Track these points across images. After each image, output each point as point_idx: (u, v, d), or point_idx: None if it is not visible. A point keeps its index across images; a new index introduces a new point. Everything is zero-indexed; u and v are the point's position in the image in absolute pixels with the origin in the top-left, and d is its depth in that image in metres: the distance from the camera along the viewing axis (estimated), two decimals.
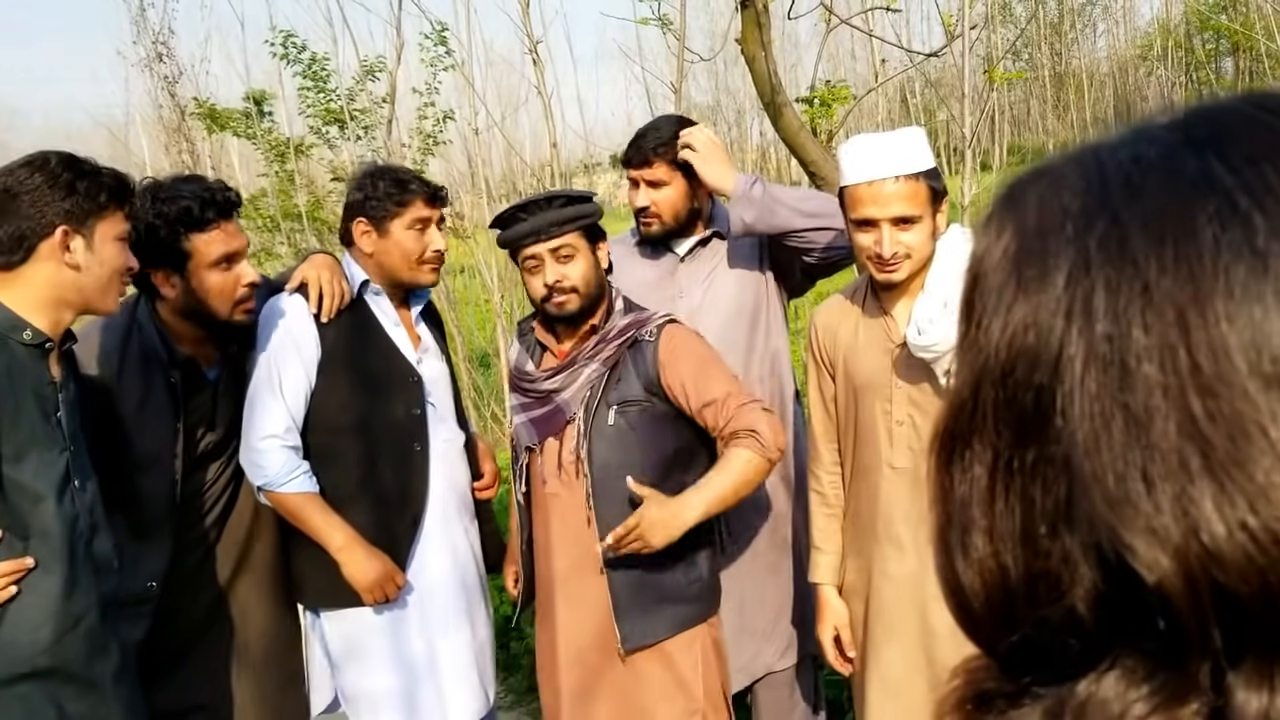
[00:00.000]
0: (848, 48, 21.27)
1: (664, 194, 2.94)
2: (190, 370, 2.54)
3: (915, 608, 2.39)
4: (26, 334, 2.04)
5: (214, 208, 2.45)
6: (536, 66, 5.34)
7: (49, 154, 2.11)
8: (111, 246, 2.12)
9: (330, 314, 2.64)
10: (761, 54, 4.17)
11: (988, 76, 5.20)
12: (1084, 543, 0.46)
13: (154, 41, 8.79)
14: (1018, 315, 0.48)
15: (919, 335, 2.27)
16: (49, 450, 2.06)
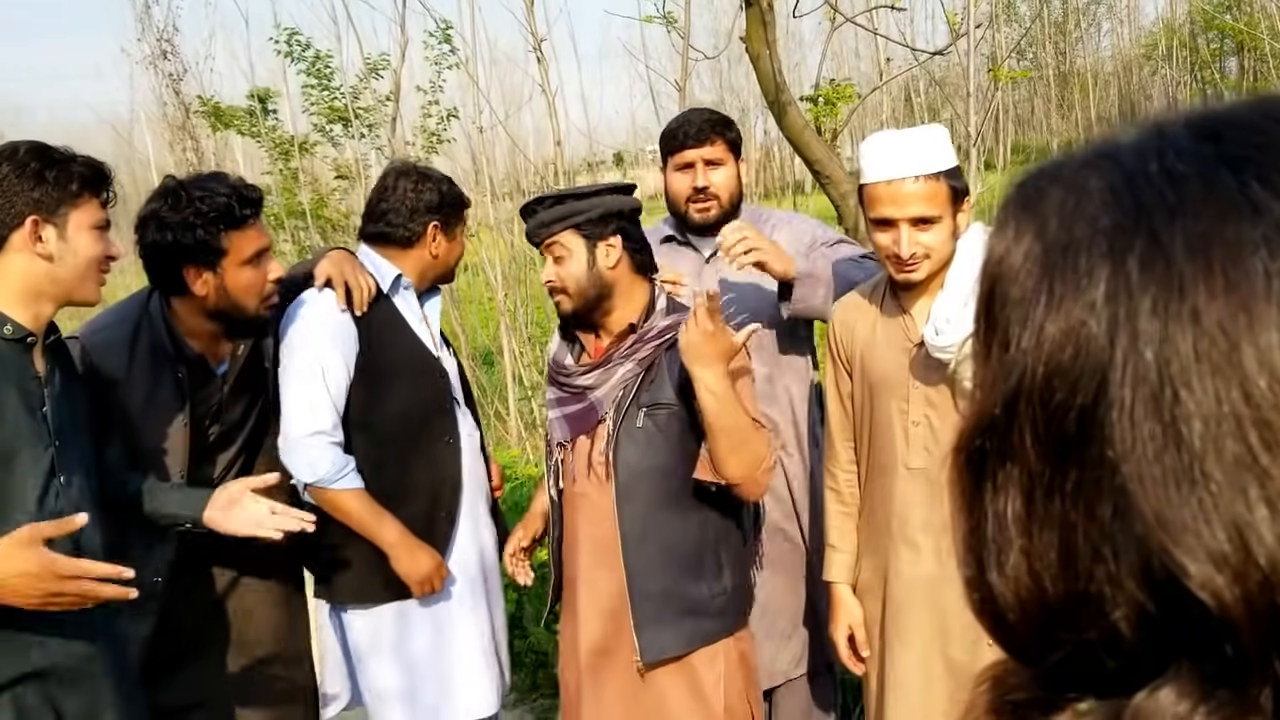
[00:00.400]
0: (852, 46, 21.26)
1: (723, 175, 2.87)
2: (198, 365, 2.54)
3: (931, 610, 2.37)
4: (7, 329, 2.02)
5: (249, 205, 2.46)
6: (541, 64, 5.34)
7: (18, 144, 2.07)
8: (86, 235, 2.09)
9: (362, 307, 2.65)
10: (766, 52, 4.18)
11: (992, 75, 5.20)
12: (1131, 565, 0.45)
13: (158, 39, 8.81)
14: (1051, 331, 0.47)
15: (936, 335, 2.25)
16: (34, 446, 2.03)
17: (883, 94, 11.03)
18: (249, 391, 2.62)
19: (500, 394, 7.33)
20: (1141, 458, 0.44)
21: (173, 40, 8.90)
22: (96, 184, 2.11)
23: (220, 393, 2.58)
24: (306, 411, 2.57)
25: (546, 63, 5.34)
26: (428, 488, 2.74)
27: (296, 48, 8.42)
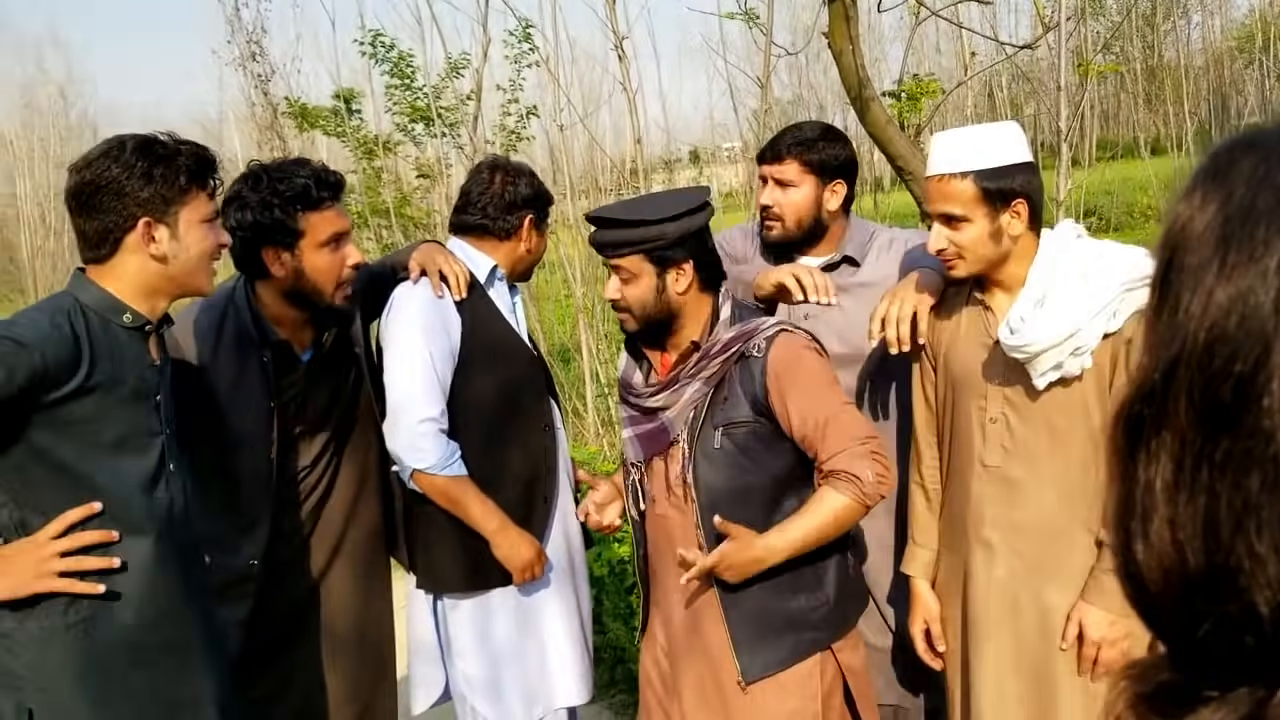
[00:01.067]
0: (932, 41, 20.97)
1: (790, 196, 2.80)
2: (283, 352, 2.59)
3: (1007, 612, 2.36)
4: (126, 317, 2.06)
5: (328, 188, 2.51)
6: (622, 62, 5.36)
7: (125, 139, 2.07)
8: (197, 230, 2.10)
9: (461, 293, 2.70)
10: (849, 48, 4.14)
11: (1080, 70, 5.09)
12: (1275, 540, 0.44)
13: (247, 41, 9.02)
14: (1220, 298, 0.47)
15: (1010, 335, 2.24)
16: (148, 433, 2.08)
17: (967, 89, 10.85)
18: (333, 381, 2.66)
19: (578, 390, 7.37)
20: None
21: (261, 42, 9.12)
22: (203, 175, 2.12)
23: (305, 382, 2.62)
24: (415, 399, 2.60)
25: (628, 60, 5.36)
26: (528, 474, 2.78)
27: (380, 49, 8.55)
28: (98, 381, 1.98)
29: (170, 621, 2.09)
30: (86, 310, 2.03)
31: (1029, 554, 2.34)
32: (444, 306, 2.67)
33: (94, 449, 1.99)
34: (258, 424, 2.55)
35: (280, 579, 2.60)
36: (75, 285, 2.08)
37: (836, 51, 4.19)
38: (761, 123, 5.13)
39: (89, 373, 1.97)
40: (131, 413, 2.05)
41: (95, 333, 2.01)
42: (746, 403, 2.33)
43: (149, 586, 2.05)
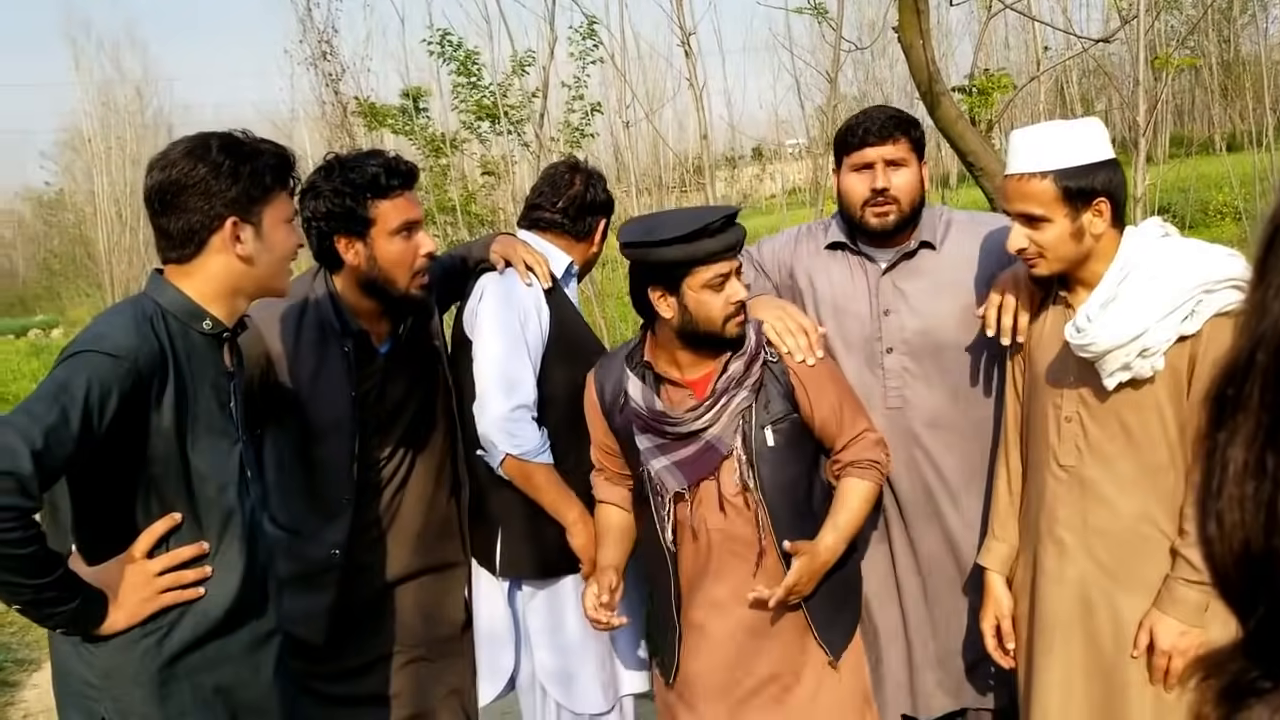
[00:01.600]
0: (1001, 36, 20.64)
1: (905, 176, 2.61)
2: (362, 343, 2.62)
3: (1079, 615, 2.33)
4: (206, 324, 2.04)
5: (398, 176, 2.53)
6: (689, 59, 5.35)
7: (209, 139, 2.04)
8: (280, 230, 2.09)
9: (547, 280, 2.74)
10: (920, 42, 4.09)
11: (1156, 64, 4.97)
12: None
13: (319, 40, 9.15)
14: None
15: (1076, 333, 2.21)
16: (224, 439, 2.07)
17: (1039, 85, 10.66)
18: (411, 372, 2.68)
19: None
20: None
21: (332, 41, 9.25)
22: (285, 175, 2.10)
23: (383, 374, 2.64)
24: (511, 384, 2.64)
25: (694, 57, 5.35)
26: None
27: (448, 48, 8.62)
28: (180, 388, 1.97)
29: (244, 627, 2.10)
30: (167, 315, 2.01)
31: (1102, 557, 2.30)
32: (534, 295, 2.72)
33: (181, 457, 1.98)
34: (340, 413, 2.57)
35: (361, 568, 2.64)
36: (154, 288, 2.05)
37: (906, 46, 4.15)
38: (830, 118, 5.10)
39: (176, 379, 1.96)
40: (209, 420, 2.03)
41: (176, 338, 2.00)
42: (781, 399, 2.43)
43: (227, 593, 2.05)
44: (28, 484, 1.72)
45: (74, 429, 1.78)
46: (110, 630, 1.94)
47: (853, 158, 2.63)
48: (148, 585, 1.95)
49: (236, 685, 2.08)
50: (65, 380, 1.82)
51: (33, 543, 1.77)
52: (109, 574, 1.95)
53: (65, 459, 1.79)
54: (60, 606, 1.86)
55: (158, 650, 1.98)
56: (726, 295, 2.35)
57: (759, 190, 22.22)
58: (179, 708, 1.99)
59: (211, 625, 2.03)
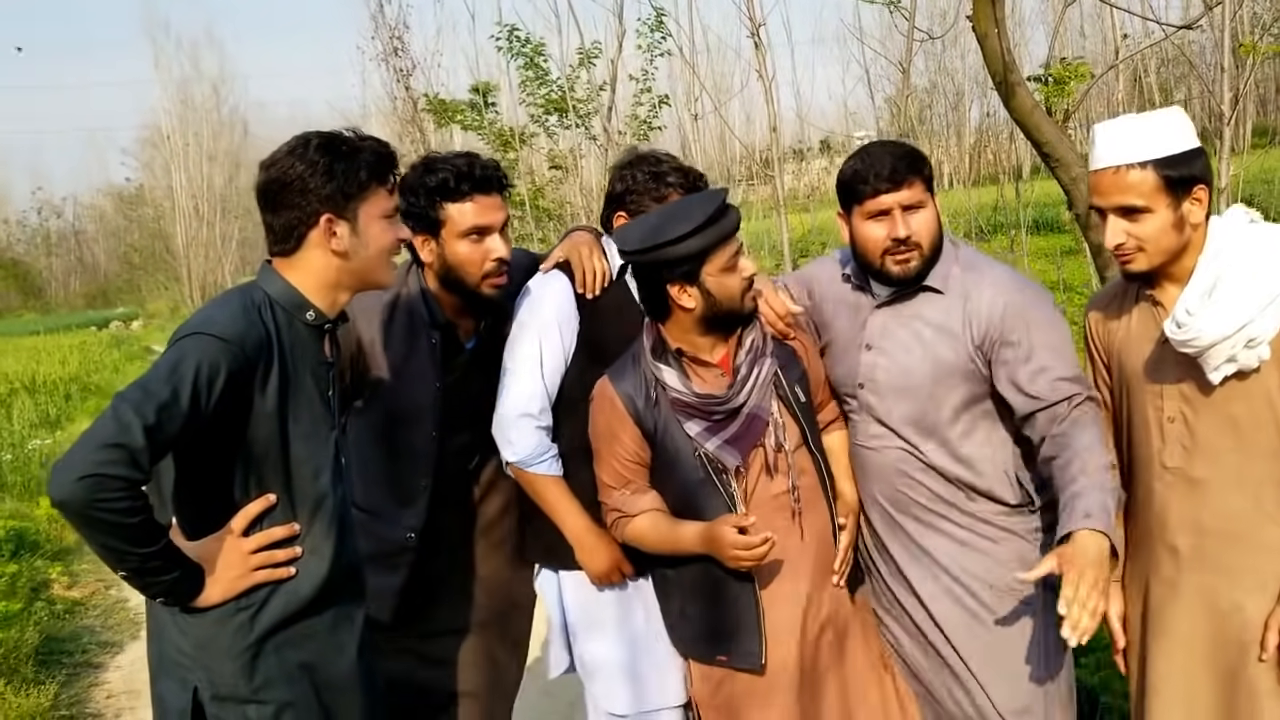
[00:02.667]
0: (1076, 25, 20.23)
1: (923, 219, 2.49)
2: (449, 335, 2.67)
3: (1200, 619, 2.26)
4: (310, 314, 2.10)
5: (469, 180, 2.55)
6: (758, 51, 5.32)
7: (310, 137, 2.10)
8: (377, 225, 2.12)
9: (593, 291, 2.67)
10: (994, 31, 4.02)
11: (1243, 50, 4.84)
12: None
13: (390, 36, 9.28)
14: None
15: (1177, 329, 2.14)
16: (323, 426, 2.13)
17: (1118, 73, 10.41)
18: (493, 369, 2.71)
19: None
20: None
21: (403, 38, 9.37)
22: (382, 171, 2.13)
23: (467, 368, 2.69)
24: (519, 394, 2.63)
25: (764, 49, 5.31)
26: None
27: (516, 43, 8.67)
28: (284, 374, 2.05)
29: (331, 608, 2.16)
30: (275, 304, 2.09)
31: (1218, 558, 2.23)
32: (565, 301, 2.66)
33: (281, 441, 2.06)
34: (424, 401, 2.63)
35: (435, 552, 2.69)
36: (264, 278, 2.13)
37: (981, 35, 4.08)
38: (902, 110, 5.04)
39: (279, 368, 2.04)
40: (310, 407, 2.11)
41: (282, 328, 2.08)
42: (792, 360, 2.55)
43: (316, 574, 2.12)
44: (139, 456, 1.82)
45: (184, 406, 1.87)
46: (205, 603, 2.03)
47: (865, 206, 2.48)
48: (242, 562, 2.03)
49: (320, 663, 2.14)
50: (177, 360, 1.91)
51: (140, 512, 1.86)
52: (206, 549, 2.04)
53: (174, 435, 1.88)
54: (162, 576, 1.96)
55: (250, 626, 2.05)
56: (741, 272, 2.40)
57: (827, 183, 22.01)
58: (265, 681, 2.06)
59: (301, 605, 2.10)
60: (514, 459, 2.64)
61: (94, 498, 1.80)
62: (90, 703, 4.87)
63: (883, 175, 2.45)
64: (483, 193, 2.56)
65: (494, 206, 2.59)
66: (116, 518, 1.83)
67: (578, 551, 2.66)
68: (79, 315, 34.08)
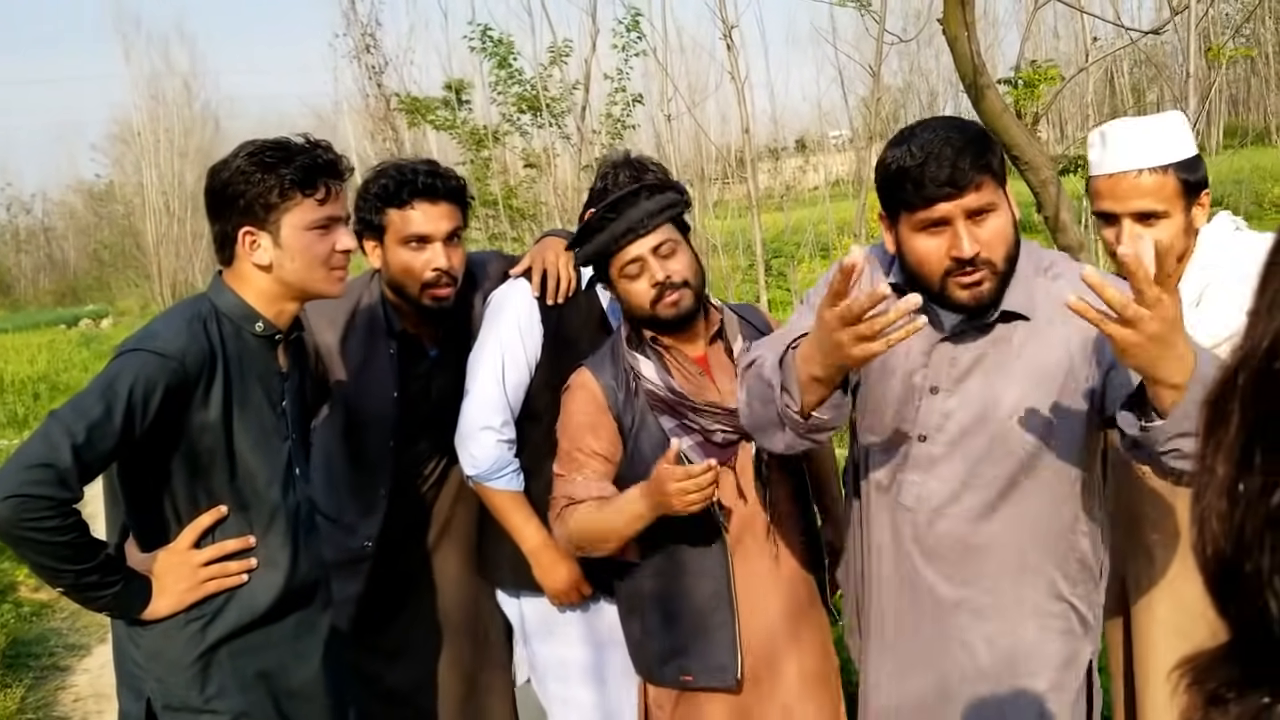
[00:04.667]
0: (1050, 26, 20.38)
1: (995, 227, 1.88)
2: (411, 344, 2.65)
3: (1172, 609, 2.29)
4: (258, 325, 2.09)
5: (411, 187, 2.52)
6: (730, 52, 5.32)
7: (246, 145, 2.07)
8: (302, 238, 2.06)
9: (555, 298, 2.59)
10: (964, 34, 4.04)
11: (1210, 55, 4.88)
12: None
13: (362, 34, 9.23)
14: None
15: None
16: (274, 437, 2.11)
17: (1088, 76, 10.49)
18: (451, 380, 2.67)
19: None
20: None
21: (375, 35, 9.32)
22: (308, 181, 2.05)
23: (429, 376, 2.67)
24: (480, 406, 2.57)
25: (736, 50, 5.32)
26: None
27: (489, 43, 8.63)
28: (230, 388, 2.04)
29: (290, 616, 2.16)
30: (222, 317, 2.07)
31: None
32: (529, 310, 2.59)
33: (228, 453, 2.05)
34: (382, 410, 2.61)
35: (392, 560, 2.67)
36: (213, 290, 2.12)
37: (951, 38, 4.10)
38: (873, 112, 5.06)
39: (223, 380, 2.02)
40: (260, 418, 2.09)
41: (228, 340, 2.06)
42: None
43: (271, 585, 2.11)
44: (67, 476, 1.82)
45: (116, 424, 1.86)
46: (153, 616, 2.03)
47: (917, 216, 1.87)
48: (192, 575, 2.03)
49: (280, 671, 2.13)
50: (113, 377, 1.91)
51: (69, 531, 1.85)
52: (157, 562, 2.03)
53: (108, 452, 1.88)
54: (101, 591, 1.95)
55: (201, 636, 2.05)
56: (649, 276, 2.25)
57: (802, 182, 22.09)
58: (219, 691, 2.05)
59: (255, 616, 2.09)
60: (473, 473, 2.58)
61: (20, 517, 1.80)
62: (57, 706, 4.81)
63: (940, 178, 1.82)
64: (427, 200, 2.52)
65: (439, 215, 2.54)
66: (44, 536, 1.83)
67: (535, 569, 2.59)
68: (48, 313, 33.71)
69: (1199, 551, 0.52)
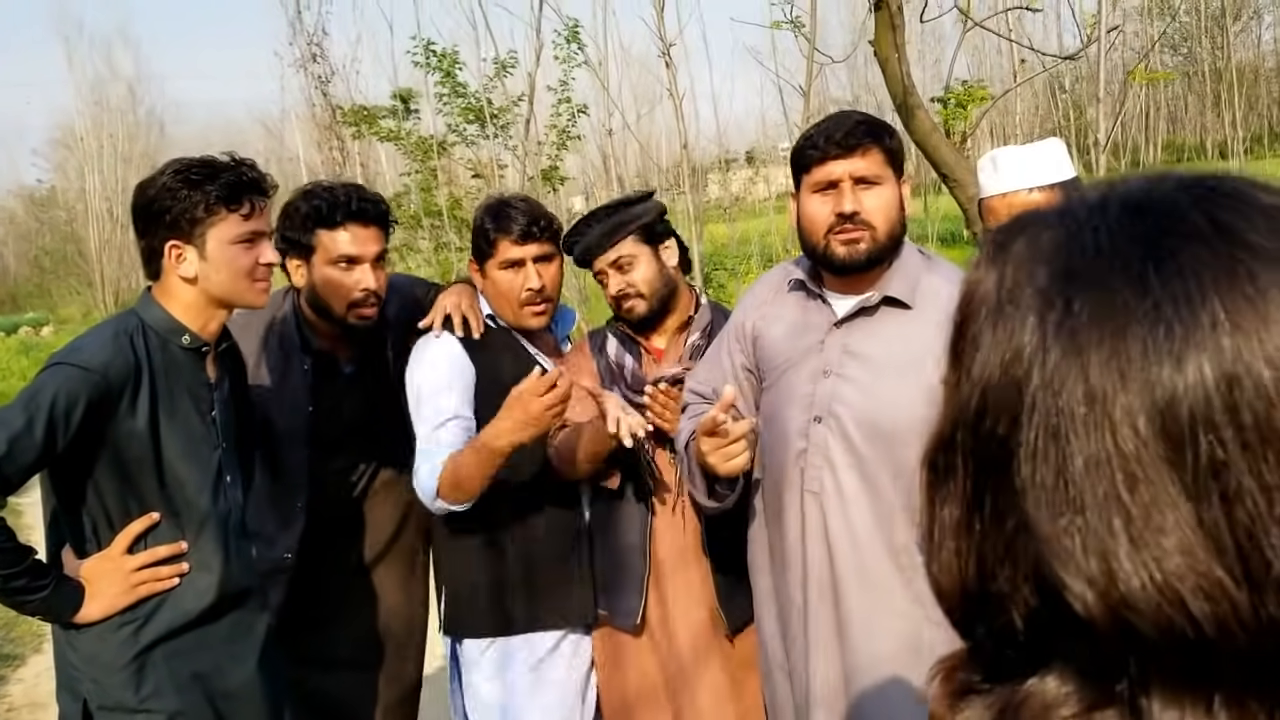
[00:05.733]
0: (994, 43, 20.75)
1: (879, 197, 2.09)
2: (326, 361, 2.67)
3: None
4: (185, 338, 2.13)
5: (343, 210, 2.55)
6: (669, 69, 5.40)
7: (172, 163, 2.13)
8: (227, 251, 2.11)
9: (473, 333, 2.59)
10: (895, 56, 4.16)
11: (1132, 77, 5.05)
12: (1026, 574, 0.54)
13: (308, 43, 9.21)
14: (990, 368, 0.55)
15: None
16: (204, 446, 2.16)
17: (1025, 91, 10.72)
18: (374, 395, 2.70)
19: None
20: (1039, 488, 0.53)
21: (322, 44, 9.30)
22: (233, 197, 2.11)
23: (345, 394, 2.69)
24: (424, 461, 2.46)
25: (675, 68, 5.40)
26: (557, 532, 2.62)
27: (433, 57, 8.64)
28: (157, 399, 2.09)
29: (224, 619, 2.20)
30: (149, 330, 2.12)
31: None
32: (457, 356, 2.56)
33: (156, 462, 2.09)
34: (296, 425, 2.63)
35: (314, 572, 2.68)
36: (140, 304, 2.17)
37: (882, 59, 4.21)
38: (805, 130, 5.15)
39: (150, 391, 2.07)
40: (188, 428, 2.14)
41: (154, 353, 2.10)
42: None
43: (203, 589, 2.15)
44: None
45: (38, 437, 1.91)
46: (85, 620, 2.07)
47: (813, 175, 2.10)
48: (124, 580, 2.07)
49: (215, 672, 2.18)
50: (36, 390, 1.95)
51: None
52: (89, 567, 2.08)
53: (29, 464, 1.93)
54: (30, 595, 2.00)
55: (134, 639, 2.09)
56: (610, 286, 2.54)
57: (752, 193, 22.29)
58: (154, 691, 2.09)
59: (188, 619, 2.14)
60: (435, 508, 2.48)
61: None
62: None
63: (834, 139, 2.06)
64: (358, 223, 2.56)
65: (368, 239, 2.58)
66: None
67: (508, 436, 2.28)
68: None
69: (937, 588, 0.60)
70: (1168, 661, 0.51)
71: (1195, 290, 0.50)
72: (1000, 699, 0.57)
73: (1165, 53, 24.23)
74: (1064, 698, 0.54)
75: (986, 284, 0.58)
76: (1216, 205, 0.54)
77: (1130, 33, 18.42)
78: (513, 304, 2.57)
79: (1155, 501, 0.50)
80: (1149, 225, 0.54)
